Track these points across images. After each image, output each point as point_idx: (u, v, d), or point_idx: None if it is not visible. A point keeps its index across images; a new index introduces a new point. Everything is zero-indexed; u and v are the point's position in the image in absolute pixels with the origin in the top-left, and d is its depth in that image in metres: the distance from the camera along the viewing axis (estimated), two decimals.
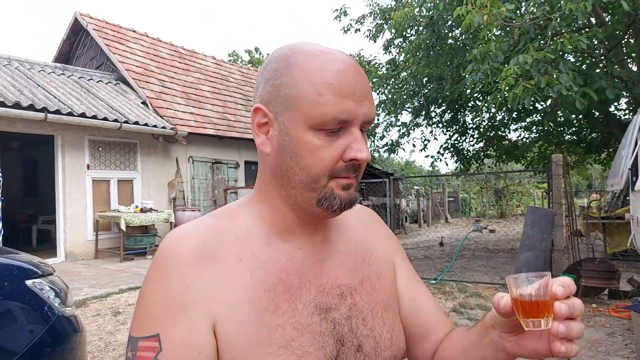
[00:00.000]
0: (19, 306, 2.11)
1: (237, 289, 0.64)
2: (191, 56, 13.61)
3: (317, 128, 0.63)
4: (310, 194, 0.66)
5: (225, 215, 0.72)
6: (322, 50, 0.66)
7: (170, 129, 9.50)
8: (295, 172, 0.65)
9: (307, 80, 0.63)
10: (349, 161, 0.64)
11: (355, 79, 0.64)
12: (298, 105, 0.63)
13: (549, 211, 5.85)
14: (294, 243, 0.71)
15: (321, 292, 0.69)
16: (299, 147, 0.64)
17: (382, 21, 9.67)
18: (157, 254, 0.66)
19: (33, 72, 9.21)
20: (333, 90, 0.62)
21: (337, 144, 0.64)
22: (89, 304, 5.11)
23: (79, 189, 8.59)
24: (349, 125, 0.64)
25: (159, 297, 0.62)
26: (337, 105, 0.62)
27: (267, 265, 0.67)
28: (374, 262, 0.78)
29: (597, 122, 9.22)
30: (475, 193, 25.70)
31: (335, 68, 0.63)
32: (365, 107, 0.64)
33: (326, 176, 0.65)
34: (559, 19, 5.56)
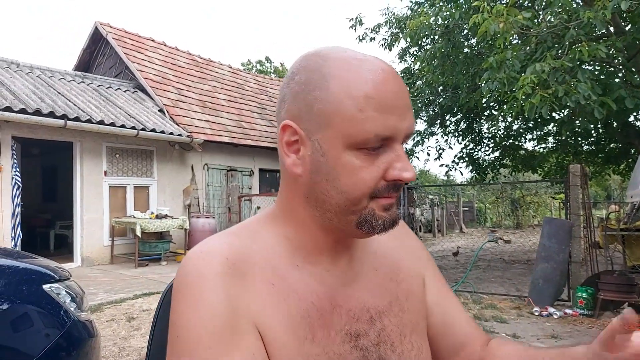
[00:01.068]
0: (36, 310, 2.14)
1: (275, 314, 0.59)
2: (207, 65, 13.77)
3: (357, 147, 0.57)
4: (349, 217, 0.61)
5: (247, 233, 0.67)
6: (358, 58, 0.59)
7: (186, 136, 9.60)
8: (332, 196, 0.60)
9: (345, 94, 0.56)
10: (391, 181, 0.59)
11: (396, 90, 0.58)
12: (335, 122, 0.57)
13: (567, 222, 5.75)
14: (322, 265, 0.66)
15: (351, 318, 0.65)
16: (337, 169, 0.58)
17: (397, 30, 9.68)
18: (184, 275, 0.59)
19: (54, 80, 9.41)
20: (375, 105, 0.56)
21: (379, 162, 0.58)
22: (103, 309, 5.16)
23: (96, 195, 8.72)
24: (391, 141, 0.58)
25: (205, 324, 0.55)
26: (380, 121, 0.56)
27: (298, 290, 0.62)
28: (403, 280, 0.74)
29: (616, 132, 9.07)
30: (491, 203, 25.40)
31: (376, 79, 0.57)
32: (407, 120, 0.59)
33: (367, 198, 0.59)
34: (577, 27, 5.50)
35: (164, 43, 12.99)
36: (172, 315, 0.58)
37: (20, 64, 9.29)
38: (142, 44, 12.06)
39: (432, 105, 9.95)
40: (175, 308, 0.58)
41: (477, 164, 11.56)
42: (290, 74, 0.63)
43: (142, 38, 12.35)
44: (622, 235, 7.49)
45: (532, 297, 5.55)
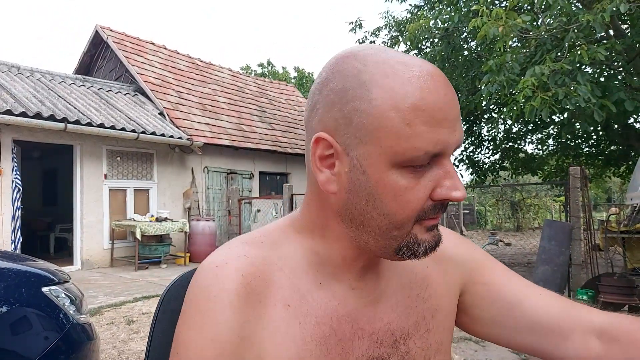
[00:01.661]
0: (35, 313, 2.14)
1: (285, 342, 0.55)
2: (208, 68, 13.80)
3: (403, 165, 0.51)
4: (388, 242, 0.55)
5: (269, 243, 0.62)
6: (403, 62, 0.52)
7: (186, 139, 9.61)
8: (372, 217, 0.54)
9: (390, 105, 0.50)
10: (438, 201, 0.53)
11: (447, 99, 0.51)
12: (379, 138, 0.51)
13: (567, 225, 5.75)
14: (347, 282, 0.61)
15: (374, 342, 0.61)
16: (380, 189, 0.52)
17: (397, 33, 9.70)
18: (195, 291, 0.56)
19: (54, 84, 9.43)
20: (425, 118, 0.50)
21: (425, 181, 0.52)
22: (103, 312, 5.15)
23: (96, 198, 8.72)
24: (440, 157, 0.52)
25: (207, 349, 0.52)
26: (430, 136, 0.50)
27: (317, 312, 0.58)
28: (429, 297, 0.68)
29: (616, 134, 9.08)
30: (491, 205, 25.40)
31: (425, 87, 0.50)
32: (457, 132, 0.52)
33: (412, 222, 0.54)
34: (577, 30, 5.51)
35: (164, 46, 13.02)
36: (177, 328, 0.55)
37: (20, 67, 9.31)
38: (142, 47, 12.09)
39: None
40: (181, 322, 0.55)
41: (477, 166, 11.56)
42: (324, 79, 0.56)
43: (142, 41, 12.38)
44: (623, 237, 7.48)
45: None
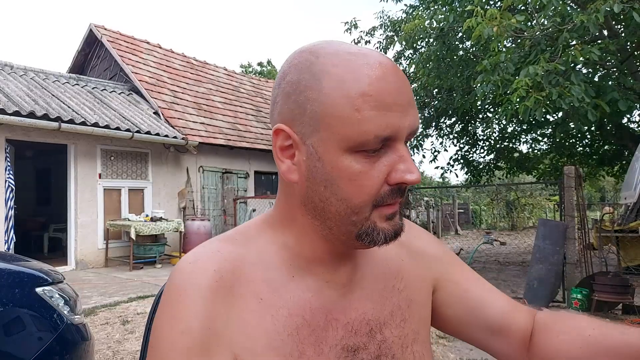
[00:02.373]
0: (28, 313, 2.13)
1: (258, 333, 0.56)
2: (203, 67, 13.76)
3: (356, 150, 0.53)
4: (348, 228, 0.56)
5: (243, 240, 0.63)
6: (352, 52, 0.54)
7: (181, 138, 9.58)
8: (331, 203, 0.55)
9: (340, 92, 0.52)
10: (395, 185, 0.54)
11: (397, 85, 0.53)
12: (330, 124, 0.53)
13: (561, 224, 5.78)
14: (321, 275, 0.62)
15: (349, 332, 0.62)
16: (335, 175, 0.54)
17: (392, 33, 9.71)
18: (169, 287, 0.57)
19: (48, 82, 9.37)
20: (373, 103, 0.51)
21: (380, 166, 0.53)
22: (98, 313, 5.13)
23: (90, 198, 8.68)
24: (392, 141, 0.54)
25: (176, 341, 0.53)
26: (379, 120, 0.51)
27: (289, 304, 0.59)
28: (404, 287, 0.70)
29: (610, 134, 9.14)
30: (486, 205, 25.49)
31: (373, 74, 0.52)
32: (410, 116, 0.54)
33: (369, 206, 0.55)
34: (571, 30, 5.54)
35: (159, 45, 12.97)
36: (153, 323, 0.57)
37: (14, 66, 9.25)
38: (136, 46, 12.04)
39: (427, 108, 9.99)
40: (156, 318, 0.57)
41: (472, 166, 11.60)
42: (282, 74, 0.59)
43: (137, 40, 12.32)
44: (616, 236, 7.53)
45: (527, 298, 5.56)
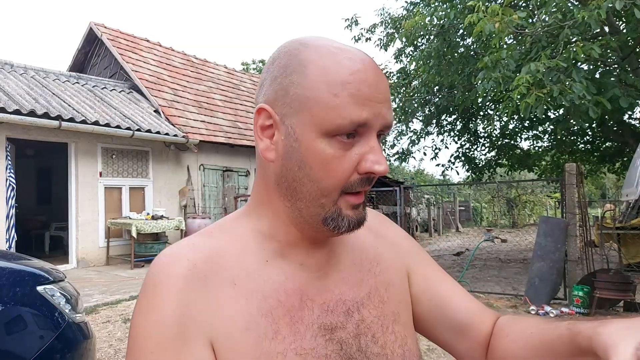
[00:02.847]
0: (30, 312, 2.12)
1: (232, 316, 0.58)
2: (203, 65, 13.75)
3: (331, 134, 0.56)
4: (316, 210, 0.59)
5: (219, 232, 0.65)
6: (339, 47, 0.59)
7: (181, 137, 9.57)
8: (303, 184, 0.59)
9: (322, 79, 0.56)
10: (364, 174, 0.57)
11: (375, 81, 0.57)
12: (310, 107, 0.56)
13: (562, 221, 5.77)
14: (294, 259, 0.64)
15: (325, 311, 0.63)
16: (309, 156, 0.57)
17: (393, 30, 9.69)
18: (145, 280, 0.60)
19: (48, 81, 9.36)
20: (351, 91, 0.55)
21: (352, 154, 0.57)
22: (99, 311, 5.14)
23: (91, 196, 8.68)
24: (366, 131, 0.57)
25: (152, 330, 0.55)
26: (355, 107, 0.55)
27: (264, 287, 0.61)
28: (381, 272, 0.72)
29: (611, 131, 9.12)
30: (487, 202, 25.49)
31: (354, 67, 0.56)
32: (384, 112, 0.58)
33: (338, 191, 0.58)
34: (572, 27, 5.52)
35: (159, 43, 12.96)
36: (132, 317, 0.59)
37: (14, 65, 9.24)
38: (137, 44, 12.02)
39: (428, 105, 9.97)
40: (134, 310, 0.59)
41: (473, 163, 11.58)
42: (271, 59, 0.63)
43: (137, 38, 12.31)
44: (618, 233, 7.52)
45: (529, 295, 5.56)
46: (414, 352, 0.70)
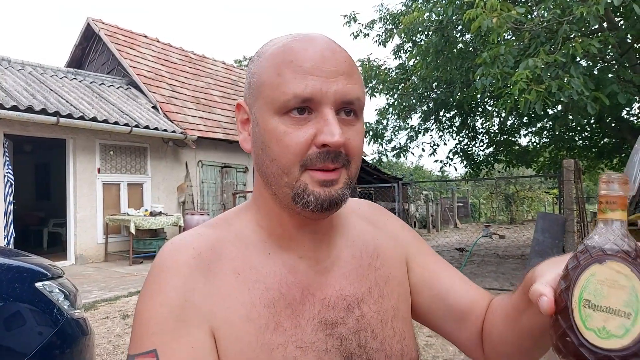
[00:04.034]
0: (28, 308, 2.13)
1: (235, 305, 0.59)
2: (201, 61, 13.71)
3: (282, 112, 0.57)
4: (285, 190, 0.60)
5: (223, 224, 0.68)
6: (295, 35, 0.62)
7: (180, 133, 9.56)
8: (267, 165, 0.60)
9: (270, 63, 0.59)
10: (320, 147, 0.57)
11: (323, 55, 0.58)
12: (262, 91, 0.59)
13: (560, 217, 5.79)
14: (295, 251, 0.65)
15: (326, 306, 0.64)
16: (266, 136, 0.59)
17: (392, 26, 9.67)
18: (152, 266, 0.62)
19: (46, 77, 9.33)
20: (293, 67, 0.57)
21: (307, 129, 0.57)
22: (98, 307, 5.14)
23: (89, 193, 8.67)
24: (317, 105, 0.57)
25: (155, 312, 0.57)
26: (298, 81, 0.56)
27: (266, 279, 0.62)
28: (381, 265, 0.72)
29: (609, 127, 9.12)
30: (485, 198, 25.52)
31: (299, 46, 0.58)
32: (338, 84, 0.57)
33: (297, 166, 0.58)
34: (571, 22, 5.51)
35: (157, 39, 12.91)
36: (137, 301, 0.61)
37: (11, 61, 9.20)
38: (134, 40, 11.98)
39: (426, 101, 9.96)
40: (140, 294, 0.61)
41: (471, 159, 11.58)
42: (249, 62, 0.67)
43: (135, 34, 12.26)
44: None
45: None
46: (412, 348, 0.70)
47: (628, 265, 0.44)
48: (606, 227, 0.47)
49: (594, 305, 0.45)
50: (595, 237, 0.48)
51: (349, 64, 0.60)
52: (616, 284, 0.44)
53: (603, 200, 0.47)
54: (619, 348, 0.43)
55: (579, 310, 0.46)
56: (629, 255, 0.45)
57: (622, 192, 0.47)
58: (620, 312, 0.43)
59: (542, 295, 0.49)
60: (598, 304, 0.45)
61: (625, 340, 0.43)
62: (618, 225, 0.47)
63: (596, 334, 0.44)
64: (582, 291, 0.46)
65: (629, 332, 0.43)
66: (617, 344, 0.43)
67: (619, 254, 0.45)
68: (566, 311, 0.47)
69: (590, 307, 0.45)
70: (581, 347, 0.45)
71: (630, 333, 0.42)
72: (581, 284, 0.46)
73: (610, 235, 0.47)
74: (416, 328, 0.77)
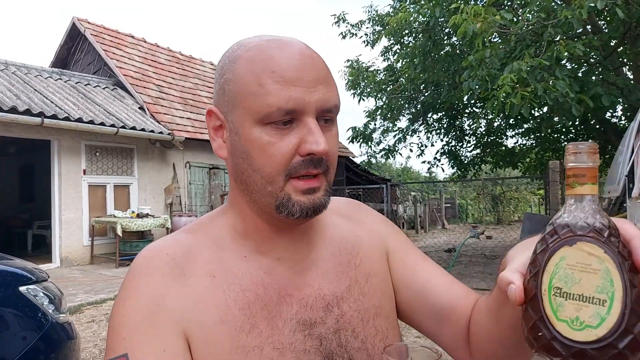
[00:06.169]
0: (12, 313, 2.09)
1: (209, 308, 0.59)
2: (189, 61, 13.63)
3: (264, 122, 0.57)
4: (268, 199, 0.60)
5: (199, 229, 0.68)
6: (269, 39, 0.61)
7: (167, 134, 9.48)
8: (249, 175, 0.60)
9: (247, 71, 0.58)
10: (305, 155, 0.58)
11: (303, 63, 0.58)
12: (241, 100, 0.59)
13: (546, 218, 5.86)
14: (272, 253, 0.65)
15: (304, 307, 0.63)
16: (249, 146, 0.59)
17: (380, 27, 9.70)
18: (127, 272, 0.63)
19: (30, 77, 9.19)
20: (275, 78, 0.56)
21: (290, 138, 0.57)
22: (83, 310, 5.08)
23: (75, 194, 8.56)
24: (300, 115, 0.57)
25: (126, 316, 0.58)
26: (281, 93, 0.56)
27: (242, 281, 0.62)
28: (361, 262, 0.71)
29: (594, 129, 9.26)
30: (472, 199, 25.73)
31: (279, 55, 0.58)
32: (318, 93, 0.58)
33: (281, 176, 0.58)
34: (555, 26, 5.59)
35: (144, 39, 12.81)
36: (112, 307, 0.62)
37: None
38: (121, 40, 11.87)
39: (414, 103, 10.01)
40: (114, 301, 0.62)
41: (458, 160, 11.67)
42: (218, 66, 0.66)
43: (121, 34, 12.15)
44: None
45: None
46: None
47: (600, 245, 0.40)
48: (576, 204, 0.43)
49: (565, 293, 0.41)
50: (564, 215, 0.43)
51: (326, 71, 0.61)
52: (588, 267, 0.40)
53: (571, 174, 0.43)
54: (593, 340, 0.39)
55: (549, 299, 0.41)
56: (601, 234, 0.41)
57: (591, 163, 0.43)
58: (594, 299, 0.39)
59: (510, 284, 0.45)
60: (569, 291, 0.40)
61: (600, 330, 0.38)
62: (589, 201, 0.42)
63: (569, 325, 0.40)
64: (551, 278, 0.42)
65: (604, 321, 0.38)
66: (592, 336, 0.39)
67: (590, 234, 0.41)
68: (536, 301, 0.42)
69: (561, 296, 0.41)
70: (553, 340, 0.41)
71: (605, 322, 0.38)
72: (550, 270, 0.42)
73: (580, 212, 0.42)
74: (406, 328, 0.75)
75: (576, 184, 0.43)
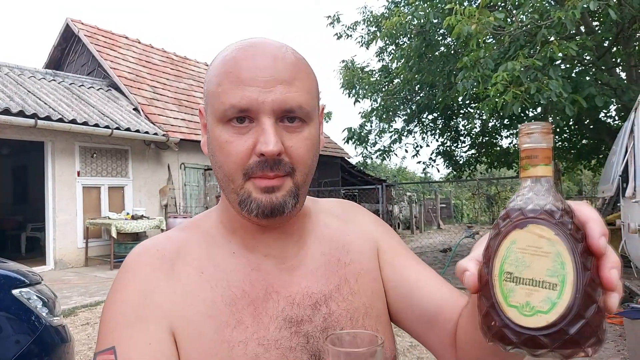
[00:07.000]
0: (5, 316, 2.08)
1: (197, 303, 0.60)
2: (183, 62, 13.60)
3: (224, 121, 0.59)
4: (232, 196, 0.62)
5: (192, 226, 0.70)
6: (244, 42, 0.63)
7: (162, 135, 9.45)
8: (216, 172, 0.63)
9: (215, 73, 0.62)
10: (259, 155, 0.58)
11: (262, 64, 0.59)
12: (208, 99, 0.62)
13: None
14: (260, 250, 0.66)
15: (291, 304, 0.64)
16: (213, 144, 0.62)
17: (375, 28, 9.72)
18: (121, 267, 0.64)
19: (23, 78, 9.14)
20: (231, 79, 0.58)
21: (246, 138, 0.58)
22: (78, 313, 5.05)
23: (69, 196, 8.51)
24: (255, 114, 0.58)
25: (115, 310, 0.59)
26: (235, 92, 0.57)
27: (229, 277, 0.63)
28: (352, 261, 0.71)
29: (588, 129, 9.31)
30: (467, 199, 25.81)
31: (239, 55, 0.60)
32: (275, 93, 0.57)
33: (239, 174, 0.59)
34: (549, 27, 5.62)
35: (138, 40, 12.77)
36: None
37: None
38: (115, 41, 11.82)
39: (409, 103, 10.03)
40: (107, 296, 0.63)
41: (454, 161, 11.70)
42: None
43: (115, 35, 12.10)
44: None
45: None
46: (387, 347, 0.67)
47: (551, 227, 0.39)
48: (529, 187, 0.42)
49: (516, 278, 0.39)
50: (517, 199, 0.42)
51: (290, 71, 0.60)
52: (539, 250, 0.39)
53: (524, 155, 0.42)
54: (544, 326, 0.37)
55: (500, 285, 0.40)
56: (552, 215, 0.39)
57: (544, 143, 0.42)
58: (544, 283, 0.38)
59: (465, 271, 0.44)
60: (520, 276, 0.39)
61: (551, 315, 0.37)
62: (543, 183, 0.41)
63: (519, 311, 0.38)
64: (502, 263, 0.40)
65: (555, 305, 0.37)
66: (542, 321, 0.37)
67: (541, 216, 0.39)
68: (488, 287, 0.41)
69: (512, 281, 0.39)
70: (505, 328, 0.39)
71: (556, 307, 0.37)
72: (501, 255, 0.41)
73: (533, 195, 0.41)
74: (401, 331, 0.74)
75: (529, 165, 0.42)
